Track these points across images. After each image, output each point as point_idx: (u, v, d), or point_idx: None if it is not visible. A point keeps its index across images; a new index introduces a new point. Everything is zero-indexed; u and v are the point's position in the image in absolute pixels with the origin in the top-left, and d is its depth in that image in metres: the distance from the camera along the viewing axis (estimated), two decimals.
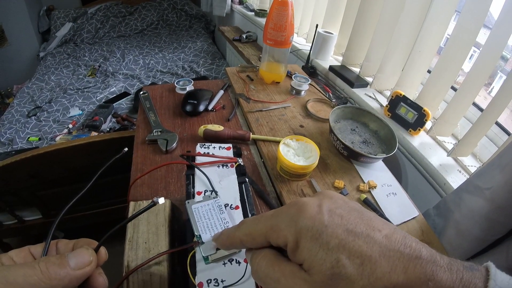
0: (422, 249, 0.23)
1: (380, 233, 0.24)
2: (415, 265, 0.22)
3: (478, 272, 0.22)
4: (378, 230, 0.24)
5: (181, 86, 0.98)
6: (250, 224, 0.29)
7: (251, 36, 2.16)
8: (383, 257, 0.22)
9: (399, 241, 0.23)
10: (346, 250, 0.23)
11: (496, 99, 0.75)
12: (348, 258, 0.22)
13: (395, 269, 0.22)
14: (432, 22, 0.93)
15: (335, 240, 0.23)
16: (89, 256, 0.30)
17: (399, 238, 0.23)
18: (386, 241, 0.23)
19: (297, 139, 0.71)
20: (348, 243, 0.23)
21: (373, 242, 0.23)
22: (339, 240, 0.23)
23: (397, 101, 0.99)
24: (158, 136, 0.78)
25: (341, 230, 0.24)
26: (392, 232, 0.24)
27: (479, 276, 0.21)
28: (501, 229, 0.59)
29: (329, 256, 0.23)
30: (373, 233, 0.24)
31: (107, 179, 1.36)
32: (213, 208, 0.44)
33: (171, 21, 3.29)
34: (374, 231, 0.24)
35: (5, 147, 1.68)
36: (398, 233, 0.24)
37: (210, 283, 0.37)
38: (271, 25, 0.93)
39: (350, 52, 1.31)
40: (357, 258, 0.22)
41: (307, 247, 0.24)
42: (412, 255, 0.22)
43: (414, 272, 0.21)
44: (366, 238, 0.23)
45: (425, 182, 0.89)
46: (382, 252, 0.22)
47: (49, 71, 2.47)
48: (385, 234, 0.24)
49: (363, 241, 0.23)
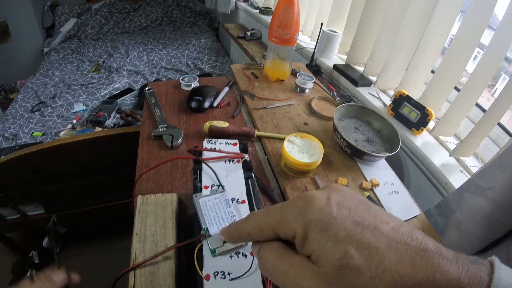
0: (428, 242, 0.23)
1: (387, 226, 0.24)
2: (422, 257, 0.22)
3: (483, 265, 0.22)
4: (385, 223, 0.24)
5: (186, 83, 0.99)
6: (258, 217, 0.29)
7: (255, 34, 2.16)
8: (390, 249, 0.22)
9: (406, 234, 0.23)
10: (354, 241, 0.23)
11: (499, 100, 0.75)
12: (356, 250, 0.23)
13: (402, 261, 0.22)
14: (436, 22, 0.93)
15: (344, 232, 0.23)
16: None
17: (406, 231, 0.24)
18: (393, 233, 0.23)
19: (301, 137, 0.71)
20: (356, 235, 0.23)
21: (381, 234, 0.23)
22: (348, 232, 0.23)
23: (400, 101, 0.99)
24: (164, 131, 0.79)
25: (349, 222, 0.24)
26: (399, 225, 0.24)
27: (484, 269, 0.22)
28: (502, 228, 0.60)
29: (337, 248, 0.23)
30: (380, 225, 0.24)
31: (111, 175, 1.37)
32: (220, 202, 0.45)
33: (175, 17, 3.30)
34: (381, 223, 0.24)
35: (9, 142, 1.69)
36: (405, 226, 0.24)
37: (217, 276, 0.38)
38: (276, 22, 0.94)
39: (355, 51, 1.31)
40: (365, 250, 0.23)
41: (315, 239, 0.24)
42: (419, 247, 0.22)
43: (421, 264, 0.22)
44: (374, 230, 0.23)
45: (427, 181, 0.89)
46: (390, 244, 0.23)
47: (53, 67, 2.48)
48: (392, 227, 0.24)
49: (370, 233, 0.23)
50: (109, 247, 1.71)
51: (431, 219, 0.70)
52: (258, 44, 2.10)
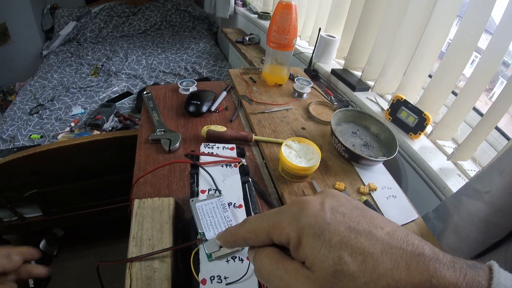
0: (424, 247, 0.22)
1: (382, 231, 0.24)
2: (418, 262, 0.21)
3: (481, 270, 0.22)
4: (380, 228, 0.24)
5: (185, 87, 0.99)
6: (253, 222, 0.29)
7: (254, 39, 2.17)
8: (385, 254, 0.22)
9: (401, 238, 0.23)
10: (349, 247, 0.23)
11: (496, 104, 0.75)
12: (350, 255, 0.22)
13: (398, 266, 0.21)
14: (434, 27, 0.94)
15: (337, 238, 0.23)
16: None
17: (401, 236, 0.23)
18: (388, 238, 0.23)
19: (299, 141, 0.72)
20: (350, 240, 0.23)
21: (375, 239, 0.23)
22: (341, 238, 0.23)
23: (398, 105, 0.99)
24: (161, 135, 0.79)
25: (343, 227, 0.24)
26: (395, 230, 0.24)
27: (483, 274, 0.21)
28: (500, 232, 0.60)
29: (331, 253, 0.23)
30: (375, 231, 0.24)
31: (109, 178, 1.36)
32: (217, 206, 0.45)
33: (174, 22, 3.31)
34: (376, 228, 0.24)
35: (7, 144, 1.68)
36: (401, 230, 0.24)
37: (213, 280, 0.38)
38: (274, 28, 0.94)
39: (352, 56, 1.32)
40: (359, 255, 0.22)
41: (309, 244, 0.24)
42: (415, 252, 0.22)
43: (417, 269, 0.21)
44: (368, 235, 0.23)
45: (425, 186, 0.89)
46: (385, 249, 0.22)
47: (52, 70, 2.48)
48: (387, 232, 0.24)
49: (365, 239, 0.23)
50: (106, 250, 1.70)
51: (429, 223, 0.70)
52: (257, 48, 2.11)
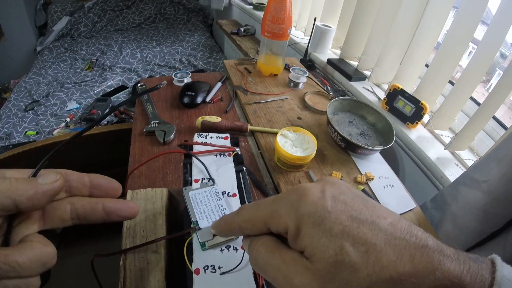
0: (428, 239, 0.22)
1: (385, 221, 0.23)
2: (422, 254, 0.21)
3: (484, 263, 0.21)
4: (383, 218, 0.23)
5: (179, 78, 0.98)
6: (250, 210, 0.28)
7: (249, 30, 2.15)
8: (388, 245, 0.21)
9: (404, 230, 0.22)
10: (351, 237, 0.22)
11: (494, 94, 0.75)
12: (352, 246, 0.21)
13: (401, 258, 0.21)
14: (430, 17, 0.93)
15: (339, 227, 0.22)
16: (56, 175, 0.31)
17: (404, 227, 0.23)
18: (391, 229, 0.22)
19: (294, 130, 0.71)
20: (352, 230, 0.22)
21: (378, 230, 0.22)
22: (343, 227, 0.22)
23: (395, 95, 0.99)
24: (156, 127, 0.78)
25: (345, 216, 0.23)
26: (397, 220, 0.23)
27: (485, 267, 0.21)
28: (498, 221, 0.60)
29: (332, 243, 0.22)
30: (378, 220, 0.23)
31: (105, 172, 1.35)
32: (210, 195, 0.44)
33: (168, 14, 3.27)
34: (379, 218, 0.23)
35: (2, 141, 1.67)
36: (403, 221, 0.23)
37: (207, 270, 0.37)
38: (269, 17, 0.93)
39: (348, 45, 1.31)
40: (361, 246, 0.21)
41: (308, 234, 0.23)
42: (419, 244, 0.21)
43: (421, 261, 0.21)
44: (371, 225, 0.22)
45: (422, 175, 0.89)
46: (388, 240, 0.22)
47: (46, 65, 2.45)
48: (390, 222, 0.23)
49: (367, 228, 0.22)
50: (106, 245, 1.69)
51: (426, 213, 0.70)
52: (252, 40, 2.09)
